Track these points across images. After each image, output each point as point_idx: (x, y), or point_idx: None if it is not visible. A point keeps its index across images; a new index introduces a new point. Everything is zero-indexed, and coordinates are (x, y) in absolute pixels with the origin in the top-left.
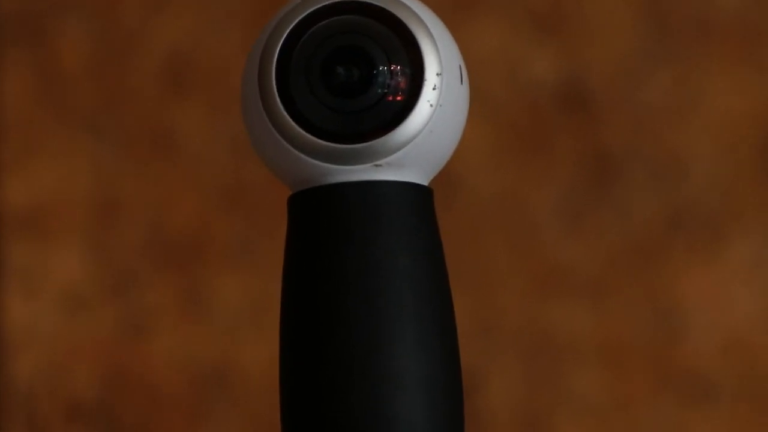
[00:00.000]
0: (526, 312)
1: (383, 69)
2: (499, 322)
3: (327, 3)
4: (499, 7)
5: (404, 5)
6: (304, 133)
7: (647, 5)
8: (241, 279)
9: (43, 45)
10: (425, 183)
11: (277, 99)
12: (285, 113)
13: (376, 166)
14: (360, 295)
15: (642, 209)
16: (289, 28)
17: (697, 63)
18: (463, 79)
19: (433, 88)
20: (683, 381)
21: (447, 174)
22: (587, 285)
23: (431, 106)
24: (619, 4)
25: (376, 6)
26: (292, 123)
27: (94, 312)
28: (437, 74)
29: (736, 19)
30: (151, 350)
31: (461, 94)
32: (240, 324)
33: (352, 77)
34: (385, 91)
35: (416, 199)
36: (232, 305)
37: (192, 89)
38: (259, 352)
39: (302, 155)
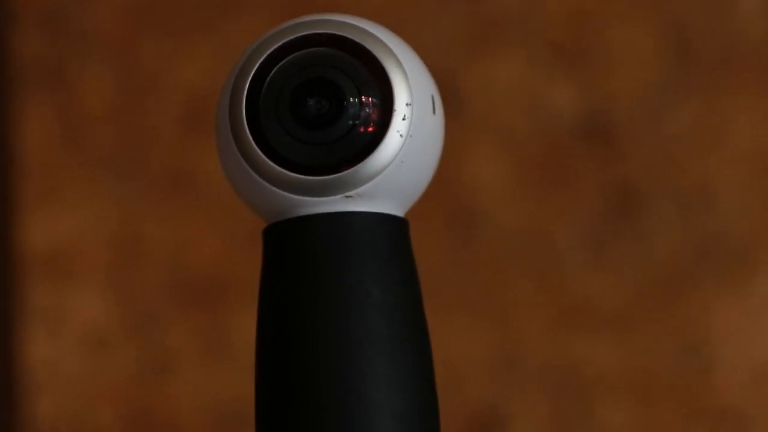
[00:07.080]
0: (551, 346)
1: (353, 100)
2: (524, 356)
3: (296, 36)
4: (518, 40)
5: (375, 37)
6: (273, 165)
7: (670, 35)
8: None
9: (64, 88)
10: (400, 214)
11: (248, 131)
12: (255, 146)
13: (347, 197)
14: (331, 328)
15: (667, 241)
16: (260, 61)
17: (722, 93)
18: (436, 110)
19: (403, 119)
20: (714, 414)
21: (469, 207)
22: (613, 318)
23: (401, 136)
24: (641, 34)
25: (346, 38)
26: (263, 155)
27: (116, 352)
28: (407, 104)
29: (761, 48)
30: (174, 390)
31: (434, 124)
32: None
33: (322, 109)
34: (356, 122)
35: (388, 230)
36: (254, 344)
37: (212, 129)
38: None
39: (273, 188)
